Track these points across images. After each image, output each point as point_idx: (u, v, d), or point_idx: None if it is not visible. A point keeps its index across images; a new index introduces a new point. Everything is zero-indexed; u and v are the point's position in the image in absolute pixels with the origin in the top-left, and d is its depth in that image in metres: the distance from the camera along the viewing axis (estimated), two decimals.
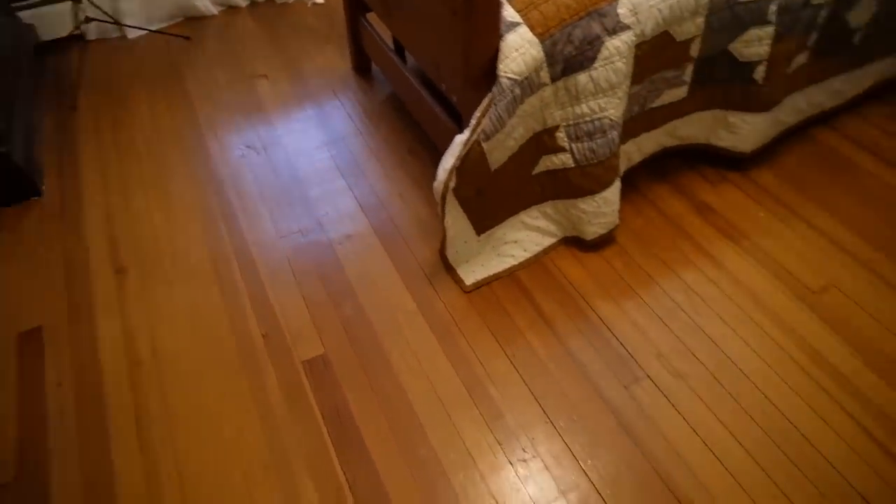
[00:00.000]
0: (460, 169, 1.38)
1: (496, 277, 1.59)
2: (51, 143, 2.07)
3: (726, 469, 1.23)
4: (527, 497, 1.21)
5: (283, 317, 1.54)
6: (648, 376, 1.39)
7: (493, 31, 1.28)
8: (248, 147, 2.03)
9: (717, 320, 1.48)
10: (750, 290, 1.54)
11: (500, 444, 1.29)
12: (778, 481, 1.21)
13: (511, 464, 1.26)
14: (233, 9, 2.68)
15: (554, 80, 1.35)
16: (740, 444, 1.27)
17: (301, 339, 1.49)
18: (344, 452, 1.29)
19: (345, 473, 1.26)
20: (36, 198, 1.88)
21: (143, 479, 1.26)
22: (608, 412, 1.33)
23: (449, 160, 1.37)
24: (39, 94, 2.25)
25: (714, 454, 1.25)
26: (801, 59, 1.64)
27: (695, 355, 1.42)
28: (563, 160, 1.49)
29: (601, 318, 1.50)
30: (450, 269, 1.61)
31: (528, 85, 1.32)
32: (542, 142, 1.46)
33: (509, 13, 1.30)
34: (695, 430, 1.29)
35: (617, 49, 1.33)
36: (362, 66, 2.29)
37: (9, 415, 1.37)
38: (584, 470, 1.25)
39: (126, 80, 2.33)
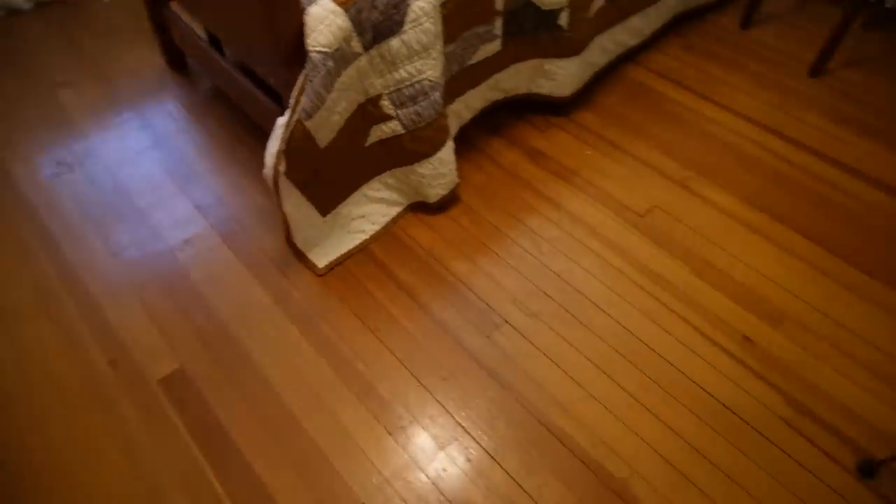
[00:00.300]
0: (287, 151, 1.34)
1: (349, 255, 1.58)
2: None
3: (587, 392, 1.32)
4: (409, 461, 1.24)
5: (130, 338, 1.44)
6: (507, 322, 1.45)
7: (293, 5, 1.24)
8: (59, 164, 1.85)
9: (561, 257, 1.57)
10: (586, 223, 1.64)
11: (376, 417, 1.30)
12: (632, 392, 1.32)
13: (390, 434, 1.28)
14: (14, 12, 2.40)
15: (367, 48, 1.34)
16: (596, 365, 1.36)
17: (153, 358, 1.40)
18: (219, 465, 1.24)
19: (223, 487, 1.21)
20: None
21: None
22: (474, 363, 1.38)
23: (274, 144, 1.33)
24: None
25: (574, 379, 1.34)
26: (600, 1, 1.75)
27: (546, 293, 1.50)
28: (392, 128, 1.49)
29: (456, 277, 1.54)
30: (301, 256, 1.58)
31: (340, 57, 1.30)
32: (368, 112, 1.46)
33: None
34: (555, 362, 1.37)
35: (423, 10, 1.34)
36: (176, 61, 2.15)
37: None
38: (458, 422, 1.29)
39: None
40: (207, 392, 1.34)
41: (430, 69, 1.44)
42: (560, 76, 1.80)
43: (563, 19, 1.65)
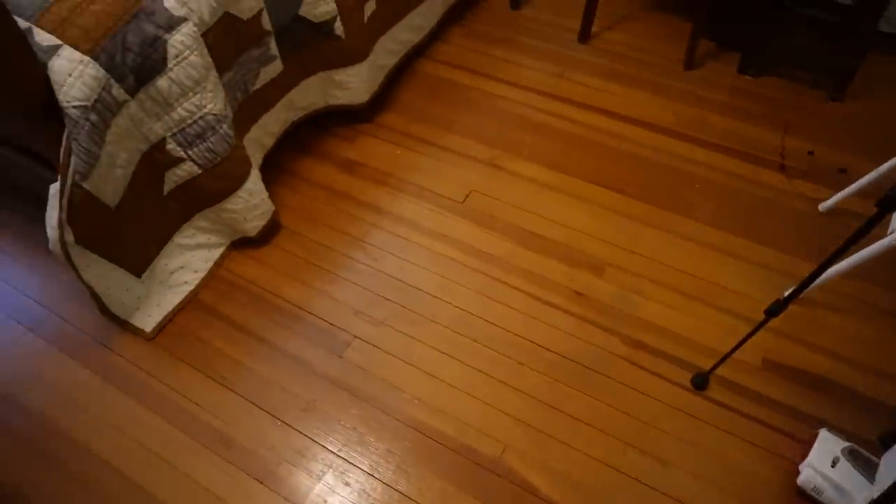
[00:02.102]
0: (71, 219, 1.23)
1: (178, 310, 1.49)
2: None
3: (443, 381, 1.36)
4: (286, 503, 1.20)
5: None
6: (356, 336, 1.44)
7: (29, 64, 1.13)
8: None
9: (392, 258, 1.59)
10: (409, 220, 1.68)
11: (241, 468, 1.24)
12: (485, 370, 1.38)
13: (261, 482, 1.23)
14: None
15: (132, 93, 1.26)
16: (447, 354, 1.40)
17: None
18: None
19: None
20: None
21: None
22: (331, 385, 1.36)
23: (53, 215, 1.21)
24: None
25: (429, 374, 1.37)
26: (371, 5, 1.78)
27: (385, 298, 1.51)
28: (187, 170, 1.42)
29: (295, 304, 1.50)
30: (123, 324, 1.45)
31: (103, 107, 1.21)
32: (156, 159, 1.37)
33: (42, 37, 1.16)
34: (410, 363, 1.39)
35: (183, 44, 1.28)
36: None
37: None
38: (327, 448, 1.27)
39: None
40: (46, 501, 1.20)
41: (209, 102, 1.38)
42: (353, 84, 1.82)
43: (339, 28, 1.66)
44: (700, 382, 1.35)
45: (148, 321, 1.46)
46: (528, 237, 1.63)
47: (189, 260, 1.55)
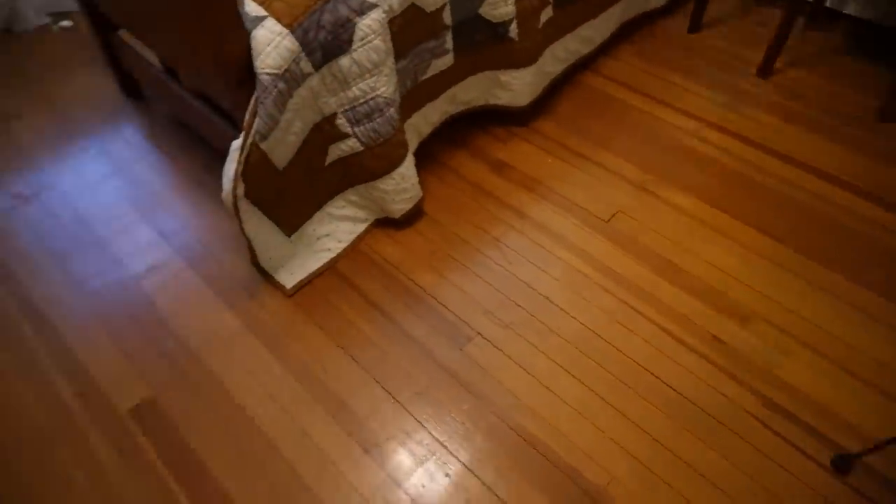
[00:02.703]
0: (245, 174, 1.33)
1: (317, 274, 1.58)
2: None
3: (561, 399, 1.33)
4: (387, 478, 1.23)
5: (97, 369, 1.41)
6: (479, 333, 1.46)
7: (237, 29, 1.24)
8: (14, 197, 1.81)
9: (528, 265, 1.58)
10: (551, 231, 1.66)
11: (351, 435, 1.29)
12: (605, 396, 1.34)
13: (367, 452, 1.27)
14: None
15: (317, 68, 1.35)
16: (568, 371, 1.38)
17: (122, 388, 1.37)
18: (194, 494, 1.22)
19: None
20: None
21: None
22: (448, 376, 1.38)
23: (230, 167, 1.32)
24: None
25: (547, 387, 1.35)
26: (548, 12, 1.78)
27: (515, 302, 1.51)
28: (350, 146, 1.50)
29: (425, 290, 1.54)
30: (268, 277, 1.57)
31: (291, 77, 1.30)
32: (325, 131, 1.46)
33: (251, 8, 1.27)
34: (529, 372, 1.38)
35: (370, 28, 1.35)
36: (131, 88, 2.13)
37: None
38: (435, 437, 1.29)
39: None
40: (179, 419, 1.32)
41: (383, 86, 1.45)
42: (516, 86, 1.83)
43: (513, 31, 1.68)
44: (843, 465, 1.22)
45: (290, 279, 1.56)
46: (671, 269, 1.56)
47: (335, 229, 1.63)
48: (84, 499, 1.21)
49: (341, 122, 1.45)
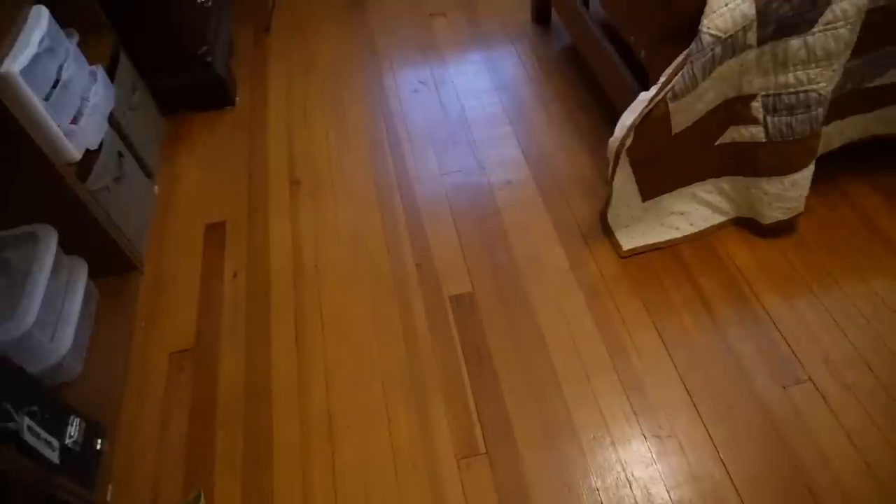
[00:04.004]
0: (640, 127, 1.31)
1: (655, 247, 1.53)
2: (246, 59, 2.24)
3: (883, 491, 1.12)
4: (657, 473, 1.18)
5: (437, 251, 1.58)
6: (811, 380, 1.28)
7: None
8: (420, 83, 2.08)
9: None
10: None
11: (636, 414, 1.26)
12: None
13: (644, 437, 1.23)
14: None
15: (761, 42, 1.23)
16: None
17: (451, 275, 1.53)
18: (479, 389, 1.32)
19: (477, 409, 1.29)
20: (230, 107, 2.05)
21: (295, 372, 1.38)
22: (759, 409, 1.25)
23: (629, 117, 1.31)
24: (237, 14, 2.43)
25: (872, 472, 1.14)
26: None
27: (870, 367, 1.28)
28: (752, 133, 1.37)
29: (766, 310, 1.39)
30: (608, 232, 1.56)
31: (731, 45, 1.22)
32: (734, 110, 1.35)
33: None
34: (854, 445, 1.18)
35: (844, 13, 1.18)
36: (542, 13, 2.24)
37: (193, 294, 1.55)
38: (722, 460, 1.19)
39: (316, 8, 2.45)
40: (487, 323, 1.43)
41: (824, 81, 1.28)
42: None
43: None
44: None
45: (629, 241, 1.53)
46: None
47: (692, 211, 1.55)
48: (395, 346, 1.40)
49: (756, 105, 1.33)
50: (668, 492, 1.16)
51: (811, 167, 1.42)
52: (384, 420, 1.29)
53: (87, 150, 1.45)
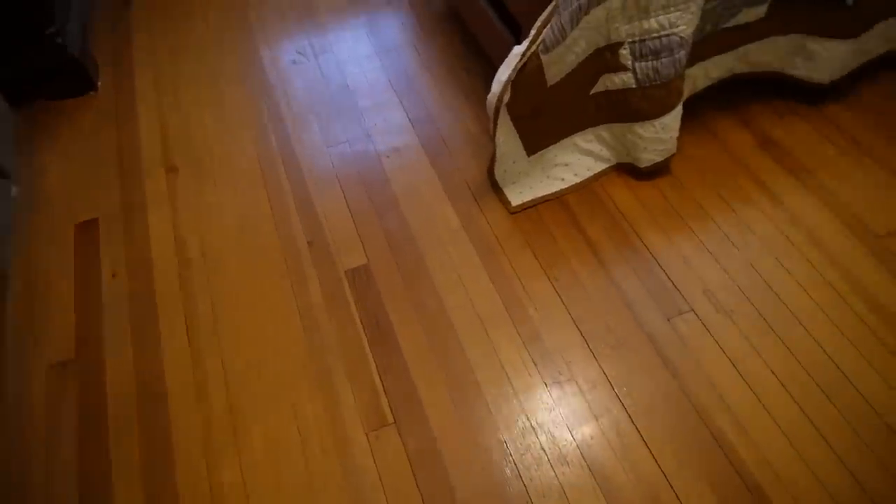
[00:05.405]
0: (515, 82, 1.32)
1: (543, 200, 1.56)
2: (106, 40, 2.07)
3: (766, 410, 1.21)
4: (559, 417, 1.23)
5: (328, 225, 1.55)
6: (693, 310, 1.36)
7: None
8: (299, 53, 2.00)
9: (770, 258, 1.42)
10: (809, 229, 1.46)
11: (535, 363, 1.30)
12: (820, 427, 1.19)
13: (545, 384, 1.27)
14: None
15: None
16: (783, 385, 1.24)
17: (345, 249, 1.50)
18: (382, 360, 1.32)
19: (382, 380, 1.29)
20: (92, 93, 1.89)
21: (191, 370, 1.32)
22: (648, 342, 1.31)
23: (504, 72, 1.32)
24: None
25: (754, 392, 1.23)
26: None
27: (743, 292, 1.37)
28: (623, 80, 1.41)
29: (648, 249, 1.46)
30: (496, 189, 1.58)
31: None
32: (604, 58, 1.39)
33: None
34: (737, 368, 1.27)
35: None
36: None
37: (68, 300, 1.44)
38: (618, 396, 1.25)
39: None
40: (385, 293, 1.42)
41: (684, 24, 1.33)
42: (823, 59, 1.58)
43: None
44: None
45: (517, 196, 1.55)
46: None
47: (576, 161, 1.58)
48: (293, 330, 1.37)
49: (625, 52, 1.36)
50: (570, 432, 1.21)
51: (679, 109, 1.48)
52: (288, 406, 1.26)
53: None
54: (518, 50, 1.30)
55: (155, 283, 1.46)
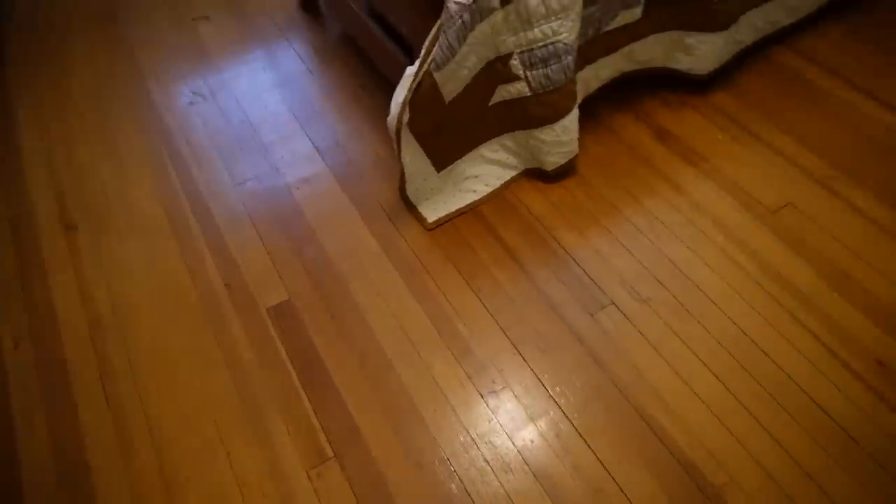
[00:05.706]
0: (413, 102, 1.33)
1: (458, 213, 1.57)
2: None
3: (692, 390, 1.26)
4: (498, 426, 1.24)
5: (245, 265, 1.51)
6: (613, 303, 1.40)
7: None
8: (194, 94, 1.95)
9: (679, 244, 1.49)
10: (710, 212, 1.55)
11: (469, 377, 1.30)
12: (743, 400, 1.24)
13: (482, 396, 1.28)
14: None
15: (503, 3, 1.30)
16: (705, 364, 1.30)
17: (264, 287, 1.46)
18: (315, 395, 1.29)
19: (317, 416, 1.26)
20: None
21: (114, 435, 1.25)
22: (575, 340, 1.35)
23: (401, 93, 1.33)
24: None
25: (680, 376, 1.28)
26: None
27: (658, 280, 1.43)
28: (518, 89, 1.45)
29: (565, 249, 1.50)
30: (411, 208, 1.58)
31: (477, 10, 1.27)
32: (496, 70, 1.42)
33: None
34: (660, 354, 1.32)
35: None
36: (308, 3, 2.19)
37: None
38: (552, 397, 1.27)
39: (58, 24, 2.19)
40: (311, 326, 1.39)
41: (566, 31, 1.38)
42: (701, 51, 1.68)
43: None
44: None
45: (432, 213, 1.57)
46: (843, 280, 1.41)
47: (485, 172, 1.61)
48: (219, 377, 1.32)
49: (515, 63, 1.40)
50: (510, 440, 1.22)
51: (575, 111, 1.53)
52: (223, 457, 1.22)
53: None
54: (411, 70, 1.31)
55: (64, 348, 1.38)
